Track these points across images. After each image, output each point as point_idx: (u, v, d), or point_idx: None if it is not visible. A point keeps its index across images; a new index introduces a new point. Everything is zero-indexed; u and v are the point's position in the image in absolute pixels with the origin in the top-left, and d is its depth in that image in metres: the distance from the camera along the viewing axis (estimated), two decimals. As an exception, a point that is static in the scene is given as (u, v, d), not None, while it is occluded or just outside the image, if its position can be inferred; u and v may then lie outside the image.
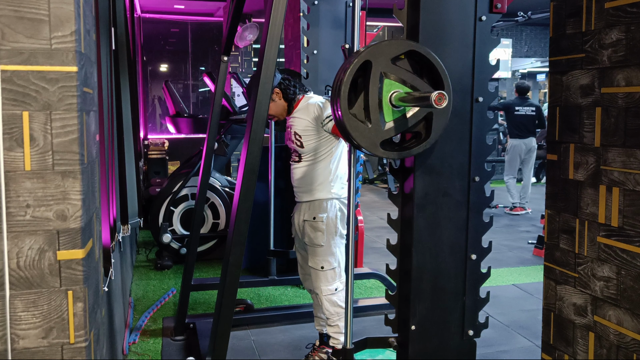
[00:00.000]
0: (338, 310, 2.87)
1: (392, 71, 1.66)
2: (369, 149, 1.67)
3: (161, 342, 3.41)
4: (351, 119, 1.65)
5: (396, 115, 1.68)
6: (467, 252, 1.95)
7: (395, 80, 1.66)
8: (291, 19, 4.81)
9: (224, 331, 2.06)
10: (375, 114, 1.65)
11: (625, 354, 1.54)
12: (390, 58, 1.66)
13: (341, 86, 1.63)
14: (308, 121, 2.85)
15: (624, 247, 1.54)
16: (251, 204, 2.03)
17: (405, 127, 1.70)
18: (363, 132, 1.65)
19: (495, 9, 1.87)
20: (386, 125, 1.67)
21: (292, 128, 2.93)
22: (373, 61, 1.64)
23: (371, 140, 1.66)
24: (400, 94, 1.65)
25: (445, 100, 1.50)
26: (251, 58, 9.59)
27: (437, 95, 1.49)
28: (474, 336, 1.99)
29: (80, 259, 1.34)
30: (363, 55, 1.63)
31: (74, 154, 1.32)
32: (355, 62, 1.62)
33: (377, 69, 1.64)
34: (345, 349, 1.92)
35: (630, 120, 1.51)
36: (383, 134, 1.67)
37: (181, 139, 8.16)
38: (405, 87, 1.67)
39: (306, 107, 2.89)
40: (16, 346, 1.31)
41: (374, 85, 1.64)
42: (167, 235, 4.78)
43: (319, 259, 2.87)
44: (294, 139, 2.92)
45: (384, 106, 1.67)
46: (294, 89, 2.92)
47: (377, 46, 1.65)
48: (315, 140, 2.85)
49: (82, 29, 1.39)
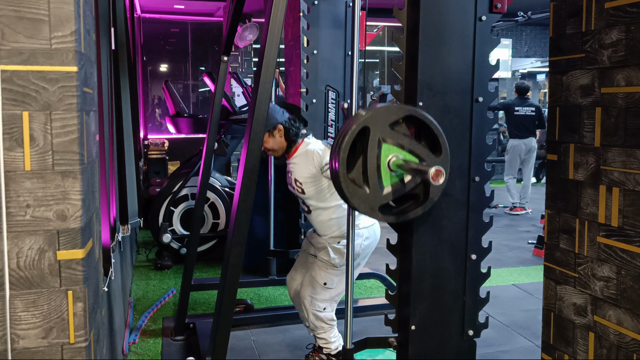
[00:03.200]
0: (323, 325, 2.85)
1: (390, 136, 1.67)
2: (368, 213, 1.69)
3: (161, 342, 3.41)
4: (350, 185, 1.66)
5: (394, 180, 1.69)
6: (467, 252, 1.95)
7: (394, 144, 1.67)
8: (291, 19, 4.81)
9: (224, 331, 2.06)
10: (374, 179, 1.66)
11: (625, 354, 1.54)
12: (388, 123, 1.67)
13: (340, 152, 1.64)
14: (308, 169, 2.85)
15: (624, 247, 1.54)
16: (251, 204, 2.03)
17: (403, 191, 1.71)
18: (361, 198, 1.66)
19: (495, 9, 1.87)
20: (384, 190, 1.68)
21: (292, 174, 2.93)
22: (371, 127, 1.64)
23: (370, 205, 1.67)
24: (398, 160, 1.66)
25: (443, 177, 1.51)
26: (251, 58, 9.59)
27: (434, 171, 1.50)
28: (474, 336, 1.99)
29: (80, 259, 1.34)
30: (361, 122, 1.64)
31: (74, 154, 1.32)
32: (354, 129, 1.63)
33: (375, 135, 1.65)
34: (345, 349, 1.92)
35: (630, 120, 1.51)
36: (381, 198, 1.68)
37: (181, 139, 8.16)
38: (404, 151, 1.68)
39: (305, 153, 2.88)
40: (16, 346, 1.31)
41: (372, 150, 1.65)
42: (167, 235, 4.78)
43: (325, 274, 2.84)
44: (295, 185, 2.93)
45: (382, 171, 1.67)
46: (297, 130, 2.91)
47: (375, 112, 1.65)
48: (316, 186, 2.85)
49: (82, 29, 1.39)
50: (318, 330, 2.86)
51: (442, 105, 1.86)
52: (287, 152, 2.92)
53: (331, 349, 2.88)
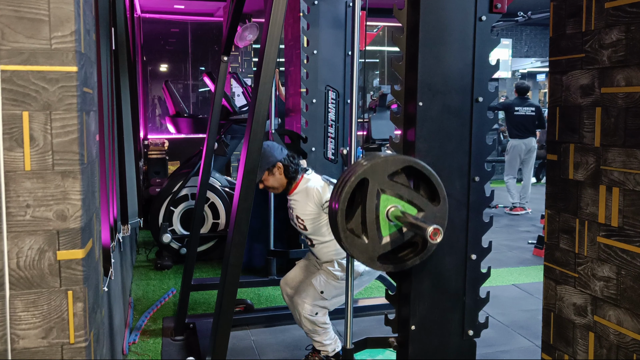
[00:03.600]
0: (316, 329, 2.85)
1: (389, 187, 1.68)
2: (367, 263, 1.70)
3: (161, 342, 3.41)
4: (349, 236, 1.67)
5: (392, 230, 1.70)
6: (467, 252, 1.95)
7: (392, 195, 1.68)
8: (291, 19, 4.81)
9: (224, 331, 2.06)
10: (373, 230, 1.67)
11: (625, 354, 1.54)
12: (387, 175, 1.68)
13: (339, 203, 1.65)
14: (309, 205, 2.87)
15: (624, 247, 1.54)
16: (251, 204, 2.02)
17: (401, 240, 1.72)
18: (360, 248, 1.68)
19: (495, 9, 1.87)
20: (383, 240, 1.70)
21: (294, 211, 2.96)
22: (370, 178, 1.65)
23: (369, 255, 1.68)
24: (396, 211, 1.67)
25: (440, 235, 1.52)
26: (251, 58, 9.58)
27: (432, 230, 1.51)
28: (474, 336, 1.99)
29: (80, 259, 1.34)
30: (360, 173, 1.65)
31: (74, 154, 1.32)
32: (352, 181, 1.64)
33: (374, 186, 1.66)
34: (346, 349, 1.92)
35: (630, 120, 1.51)
36: (380, 248, 1.69)
37: (181, 139, 8.16)
38: (402, 201, 1.69)
39: (305, 190, 2.90)
40: (16, 346, 1.31)
41: (371, 201, 1.66)
42: (167, 235, 4.78)
43: (325, 284, 2.84)
44: (297, 222, 2.95)
45: (380, 221, 1.68)
46: (296, 167, 2.93)
47: (374, 163, 1.66)
48: (318, 222, 2.88)
49: (82, 29, 1.39)
50: (312, 333, 2.86)
51: (442, 105, 1.86)
52: (287, 189, 2.95)
53: (328, 352, 2.88)
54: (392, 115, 1.91)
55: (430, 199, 1.72)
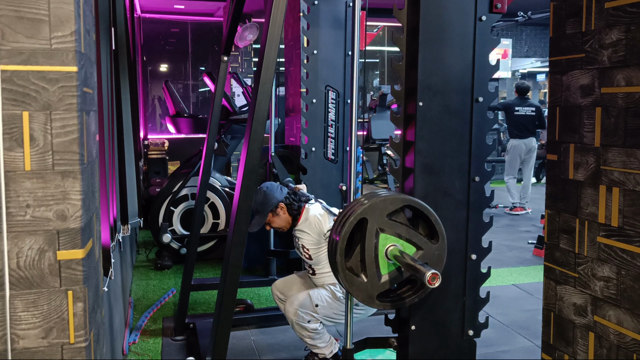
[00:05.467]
0: (309, 334, 2.81)
1: (388, 226, 1.69)
2: (365, 302, 1.71)
3: (161, 342, 3.41)
4: (348, 274, 1.68)
5: (391, 268, 1.71)
6: (467, 252, 1.95)
7: (391, 234, 1.69)
8: (291, 19, 4.81)
9: (224, 331, 2.06)
10: (372, 269, 1.68)
11: (625, 354, 1.54)
12: (386, 214, 1.68)
13: (337, 242, 1.66)
14: (312, 235, 2.90)
15: (624, 247, 1.54)
16: (251, 204, 2.02)
17: (400, 279, 1.73)
18: (359, 287, 1.68)
19: (495, 9, 1.87)
20: (382, 279, 1.70)
21: (299, 241, 2.98)
22: (369, 218, 1.66)
23: (367, 293, 1.69)
24: (395, 250, 1.68)
25: (439, 280, 1.52)
26: (251, 58, 9.58)
27: (430, 275, 1.52)
28: (474, 336, 1.99)
29: (80, 259, 1.34)
30: (359, 213, 1.65)
31: (74, 154, 1.32)
32: (352, 221, 1.65)
33: (373, 226, 1.67)
34: (346, 349, 1.92)
35: (630, 120, 1.51)
36: (379, 287, 1.70)
37: (181, 139, 8.16)
38: (401, 240, 1.70)
39: (307, 220, 2.93)
40: (16, 346, 1.31)
41: (370, 241, 1.67)
42: (167, 235, 4.78)
43: (323, 298, 2.82)
44: (302, 252, 2.97)
45: (380, 260, 1.69)
46: (298, 203, 2.95)
47: (373, 203, 1.67)
48: (323, 251, 2.89)
49: (82, 29, 1.39)
50: (305, 337, 2.84)
51: (442, 105, 1.86)
52: (293, 225, 2.98)
53: (325, 354, 2.87)
54: (392, 115, 1.91)
55: (429, 237, 1.74)
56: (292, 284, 3.12)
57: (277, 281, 3.19)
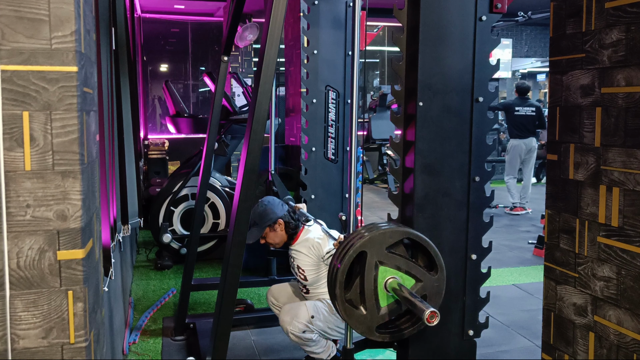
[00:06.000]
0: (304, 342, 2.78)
1: (387, 259, 1.70)
2: (365, 334, 1.72)
3: (161, 342, 3.41)
4: (347, 307, 1.69)
5: (390, 300, 1.72)
6: (467, 252, 1.95)
7: (390, 267, 1.70)
8: (291, 19, 4.81)
9: (224, 331, 2.06)
10: (371, 301, 1.69)
11: (626, 354, 1.54)
12: (385, 247, 1.69)
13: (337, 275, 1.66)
14: (309, 257, 2.89)
15: (624, 247, 1.54)
16: (251, 204, 2.02)
17: (399, 310, 1.74)
18: (359, 319, 1.69)
19: (496, 9, 1.87)
20: (381, 311, 1.71)
21: (295, 261, 2.97)
22: (368, 251, 1.67)
23: (367, 325, 1.70)
24: (394, 283, 1.68)
25: (437, 318, 1.52)
26: (251, 58, 9.59)
27: (429, 314, 1.52)
28: (474, 336, 1.99)
29: (80, 259, 1.34)
30: (358, 247, 1.66)
31: (74, 154, 1.32)
32: (351, 254, 1.66)
33: (372, 259, 1.68)
34: (346, 349, 1.92)
35: (630, 120, 1.51)
36: (378, 319, 1.71)
37: (181, 139, 8.16)
38: (400, 272, 1.71)
39: (306, 242, 2.91)
40: (16, 346, 1.31)
41: (369, 274, 1.68)
42: (167, 235, 4.78)
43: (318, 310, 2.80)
44: (298, 272, 2.96)
45: (379, 292, 1.70)
46: (296, 223, 2.96)
47: (373, 237, 1.67)
48: (318, 273, 2.89)
49: (82, 29, 1.39)
50: (301, 345, 2.81)
51: (442, 105, 1.86)
52: (288, 242, 2.97)
53: (323, 358, 2.87)
54: (392, 115, 1.91)
55: (428, 269, 1.74)
56: (287, 292, 3.11)
57: (272, 287, 3.18)
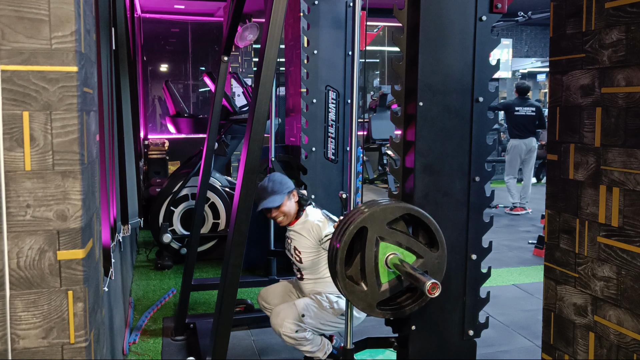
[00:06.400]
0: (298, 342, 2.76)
1: (388, 235, 1.69)
2: (366, 310, 1.71)
3: (161, 342, 3.41)
4: (348, 283, 1.68)
5: (391, 277, 1.71)
6: (467, 252, 1.95)
7: (391, 243, 1.69)
8: (291, 19, 4.81)
9: (224, 331, 2.06)
10: (372, 277, 1.69)
11: (626, 354, 1.54)
12: (386, 223, 1.68)
13: (337, 253, 1.66)
14: (307, 239, 2.86)
15: (624, 247, 1.54)
16: (251, 204, 2.02)
17: (400, 287, 1.73)
18: (359, 295, 1.69)
19: (496, 9, 1.87)
20: (382, 287, 1.70)
21: (292, 242, 2.94)
22: (369, 227, 1.66)
23: (367, 302, 1.69)
24: (395, 259, 1.68)
25: (439, 290, 1.53)
26: (251, 58, 9.59)
27: (430, 285, 1.53)
28: (474, 336, 1.99)
29: (80, 259, 1.34)
30: (359, 222, 1.65)
31: (74, 154, 1.32)
32: (352, 229, 1.65)
33: (372, 235, 1.67)
34: (346, 349, 1.92)
35: (630, 120, 1.51)
36: (379, 295, 1.70)
37: (181, 139, 8.16)
38: (401, 248, 1.70)
39: (305, 224, 2.89)
40: (16, 346, 1.31)
41: (370, 249, 1.67)
42: (167, 235, 4.78)
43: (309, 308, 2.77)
44: (294, 253, 2.94)
45: (380, 268, 1.69)
46: (305, 198, 2.94)
47: (373, 212, 1.67)
48: (314, 257, 2.86)
49: (82, 29, 1.39)
50: (296, 346, 2.79)
51: (442, 105, 1.86)
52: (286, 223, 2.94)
53: (320, 357, 2.86)
54: (392, 115, 1.91)
55: (429, 246, 1.74)
56: (277, 293, 3.10)
57: (262, 290, 3.16)
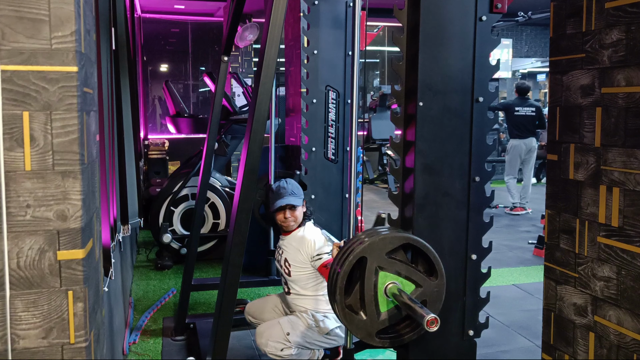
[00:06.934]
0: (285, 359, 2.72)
1: (387, 264, 1.69)
2: (365, 339, 1.71)
3: (161, 342, 3.41)
4: (347, 313, 1.68)
5: (390, 306, 1.71)
6: (467, 252, 1.94)
7: (390, 272, 1.70)
8: (291, 19, 4.81)
9: (224, 331, 2.06)
10: (371, 306, 1.69)
11: (626, 354, 1.54)
12: (385, 252, 1.68)
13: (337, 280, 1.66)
14: (300, 254, 2.84)
15: (624, 247, 1.54)
16: (251, 204, 2.02)
17: (399, 316, 1.73)
18: (359, 325, 1.69)
19: (496, 9, 1.87)
20: (381, 316, 1.71)
21: (283, 253, 2.92)
22: (368, 257, 1.67)
23: (367, 331, 1.69)
24: (394, 289, 1.68)
25: (437, 324, 1.52)
26: (251, 58, 9.59)
27: (429, 319, 1.52)
28: (474, 336, 1.99)
29: (80, 259, 1.34)
30: (359, 252, 1.66)
31: (74, 154, 1.32)
32: (351, 260, 1.65)
33: (372, 264, 1.67)
34: (346, 349, 1.92)
35: (630, 120, 1.51)
36: (378, 324, 1.70)
37: (181, 139, 8.16)
38: (400, 277, 1.71)
39: (300, 238, 2.87)
40: (16, 346, 1.31)
41: (369, 279, 1.68)
42: (167, 235, 4.78)
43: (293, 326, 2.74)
44: (283, 265, 2.91)
45: (379, 297, 1.70)
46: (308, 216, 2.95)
47: (373, 242, 1.67)
48: (303, 273, 2.85)
49: (82, 29, 1.39)
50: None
51: (442, 105, 1.85)
52: (289, 230, 2.93)
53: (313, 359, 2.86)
54: (392, 115, 1.91)
55: (428, 274, 1.74)
56: (264, 308, 3.08)
57: (249, 304, 3.15)
